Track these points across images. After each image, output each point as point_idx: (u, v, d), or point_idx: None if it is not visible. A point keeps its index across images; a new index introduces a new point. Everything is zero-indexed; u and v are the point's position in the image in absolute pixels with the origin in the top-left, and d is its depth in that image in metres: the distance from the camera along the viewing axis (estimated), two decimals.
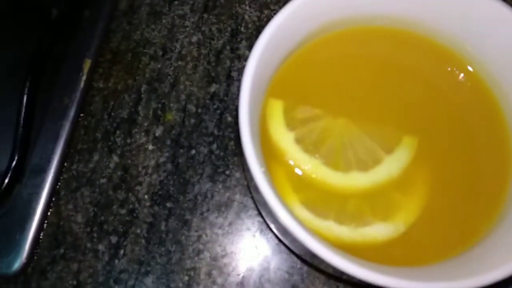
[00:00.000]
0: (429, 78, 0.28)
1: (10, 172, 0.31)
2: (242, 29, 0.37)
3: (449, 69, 0.27)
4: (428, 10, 0.26)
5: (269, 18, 0.36)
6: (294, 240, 0.22)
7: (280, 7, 0.36)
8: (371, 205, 0.25)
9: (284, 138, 0.26)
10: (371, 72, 0.28)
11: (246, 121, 0.21)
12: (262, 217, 0.31)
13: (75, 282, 0.30)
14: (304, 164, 0.25)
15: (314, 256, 0.22)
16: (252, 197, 0.32)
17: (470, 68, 0.27)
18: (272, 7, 0.37)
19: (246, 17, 0.37)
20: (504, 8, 0.24)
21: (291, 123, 0.26)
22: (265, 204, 0.22)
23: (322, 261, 0.22)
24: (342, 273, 0.24)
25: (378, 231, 0.24)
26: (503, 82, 0.25)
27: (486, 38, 0.25)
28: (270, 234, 0.31)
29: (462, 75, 0.27)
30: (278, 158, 0.25)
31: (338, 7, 0.26)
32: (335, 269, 0.22)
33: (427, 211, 0.24)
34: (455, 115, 0.26)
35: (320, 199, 0.25)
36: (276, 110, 0.26)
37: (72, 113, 0.33)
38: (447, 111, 0.27)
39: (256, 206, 0.32)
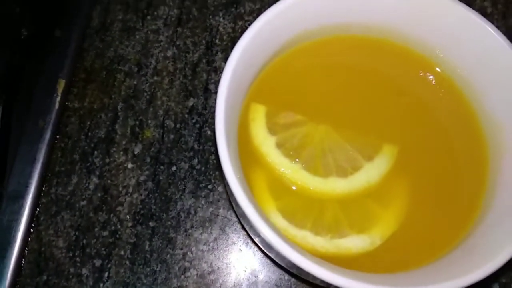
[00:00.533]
0: (404, 85, 0.28)
1: None
2: (217, 41, 0.36)
3: (422, 74, 0.28)
4: (399, 17, 0.26)
5: (243, 29, 0.36)
6: (278, 253, 0.22)
7: (254, 18, 0.36)
8: (348, 216, 0.25)
9: (265, 142, 0.26)
10: (349, 79, 0.28)
11: (222, 128, 0.21)
12: (246, 230, 0.31)
13: None
14: (284, 168, 0.25)
15: (299, 268, 0.22)
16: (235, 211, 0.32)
17: (442, 73, 0.27)
18: (246, 18, 0.37)
19: (221, 29, 0.37)
20: (470, 13, 0.24)
21: (273, 128, 0.26)
22: (244, 217, 0.22)
23: (308, 273, 0.22)
24: (328, 284, 0.24)
25: (353, 244, 0.24)
26: (475, 85, 0.26)
27: (456, 42, 0.26)
28: (256, 247, 0.31)
29: (435, 80, 0.27)
30: (258, 164, 0.25)
31: (312, 17, 0.26)
32: (321, 280, 0.22)
33: (404, 218, 0.24)
34: (431, 120, 0.27)
35: (298, 207, 0.26)
36: (259, 114, 0.26)
37: (48, 135, 0.33)
38: (423, 117, 0.27)
39: (239, 220, 0.31)
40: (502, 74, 0.24)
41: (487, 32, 0.24)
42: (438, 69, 0.27)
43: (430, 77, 0.27)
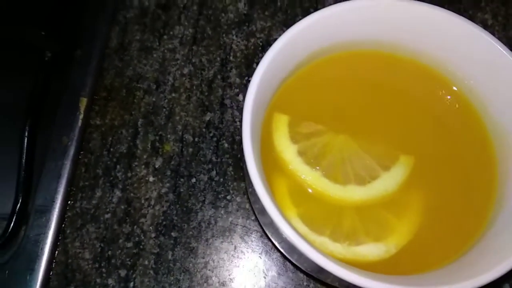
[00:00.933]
0: (418, 98, 0.30)
1: (15, 215, 0.32)
2: (231, 58, 0.38)
3: (433, 87, 0.29)
4: (412, 34, 0.28)
5: (256, 46, 0.38)
6: (300, 256, 0.23)
7: (266, 35, 0.38)
8: (365, 224, 0.26)
9: (287, 150, 0.27)
10: (364, 92, 0.30)
11: (248, 136, 0.22)
12: (267, 237, 0.32)
13: None
14: (306, 175, 0.26)
15: (320, 270, 0.23)
16: (255, 219, 0.33)
17: (455, 88, 0.29)
18: (258, 35, 0.39)
19: (234, 46, 0.39)
20: (473, 27, 0.26)
21: (294, 137, 0.27)
22: (270, 223, 0.23)
23: (328, 275, 0.23)
24: (347, 285, 0.25)
25: (369, 251, 0.25)
26: (482, 96, 0.27)
27: (462, 55, 0.27)
28: (275, 255, 0.32)
29: (446, 93, 0.28)
30: (280, 171, 0.27)
31: (329, 34, 0.28)
32: (340, 281, 0.23)
33: (419, 226, 0.26)
34: (444, 132, 0.28)
35: (317, 214, 0.27)
36: (282, 124, 0.28)
37: (72, 151, 0.34)
38: (436, 129, 0.28)
39: (261, 227, 0.33)
40: (507, 83, 0.26)
41: (488, 43, 0.26)
42: (449, 83, 0.29)
43: (443, 91, 0.29)
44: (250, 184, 0.23)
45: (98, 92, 0.37)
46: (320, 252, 0.22)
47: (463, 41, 0.27)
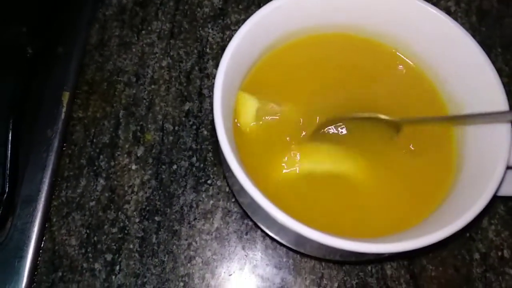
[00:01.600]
0: (379, 74, 0.32)
1: (2, 206, 0.33)
2: (208, 50, 0.40)
3: (393, 64, 0.31)
4: (370, 16, 0.30)
5: (231, 38, 0.40)
6: (280, 228, 0.24)
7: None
8: None
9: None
10: (330, 72, 0.31)
11: (219, 112, 0.24)
12: (247, 216, 0.34)
13: None
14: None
15: (299, 240, 0.25)
16: (236, 201, 0.34)
17: (410, 62, 0.31)
18: (233, 28, 0.40)
19: (210, 39, 0.40)
20: (432, 9, 0.28)
21: (259, 116, 0.29)
22: (240, 189, 0.24)
23: (306, 243, 0.25)
24: (324, 252, 0.26)
25: None
26: (438, 71, 0.29)
27: (420, 34, 0.29)
28: (256, 234, 0.34)
29: (404, 69, 0.30)
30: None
31: (297, 18, 0.29)
32: (318, 249, 0.25)
33: (385, 192, 0.27)
34: (405, 103, 0.30)
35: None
36: (249, 104, 0.29)
37: (56, 143, 0.35)
38: (398, 101, 0.30)
39: (241, 207, 0.34)
40: (455, 53, 0.28)
41: (443, 21, 0.28)
42: (406, 59, 0.31)
43: (400, 67, 0.30)
44: (223, 158, 0.24)
45: (80, 86, 0.38)
46: (296, 220, 0.23)
47: (421, 22, 0.29)
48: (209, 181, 0.35)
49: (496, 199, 0.35)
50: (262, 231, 0.34)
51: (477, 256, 0.34)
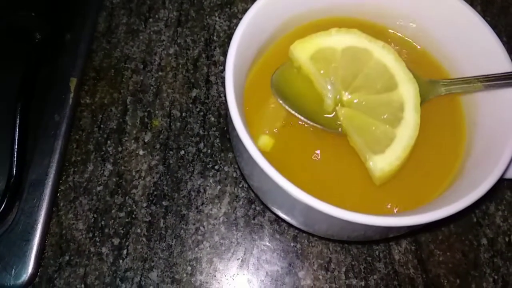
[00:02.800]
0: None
1: (10, 189, 0.33)
2: (215, 38, 0.40)
3: (399, 48, 0.31)
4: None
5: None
6: (294, 205, 0.24)
7: None
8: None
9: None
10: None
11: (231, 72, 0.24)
12: (256, 202, 0.34)
13: (83, 286, 0.32)
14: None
15: (311, 217, 0.25)
16: (243, 186, 0.34)
17: (418, 46, 0.31)
18: (239, 16, 0.41)
19: (217, 27, 0.40)
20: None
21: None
22: (260, 185, 0.24)
23: (316, 219, 0.25)
24: (334, 231, 0.26)
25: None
26: (445, 50, 0.29)
27: (431, 19, 0.29)
28: (264, 219, 0.34)
29: (410, 51, 0.31)
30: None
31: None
32: (329, 225, 0.25)
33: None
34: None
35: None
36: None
37: (63, 128, 0.35)
38: None
39: (249, 192, 0.34)
40: (465, 33, 0.28)
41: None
42: (414, 43, 0.31)
43: (405, 50, 0.31)
44: (236, 139, 0.25)
45: (87, 72, 0.38)
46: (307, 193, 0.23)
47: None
48: (216, 167, 0.35)
49: (503, 184, 0.35)
50: (271, 214, 0.34)
51: (485, 242, 0.34)
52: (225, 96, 0.25)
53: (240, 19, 0.40)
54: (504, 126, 0.25)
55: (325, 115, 0.28)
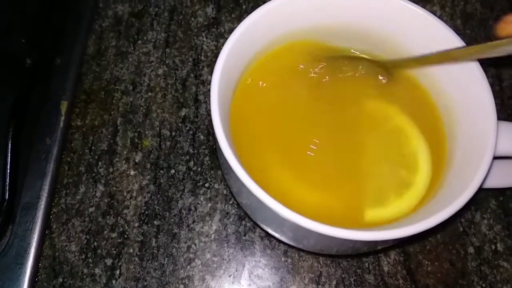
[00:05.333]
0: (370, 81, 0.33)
1: (2, 213, 0.33)
2: (203, 57, 0.41)
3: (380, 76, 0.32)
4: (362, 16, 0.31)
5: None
6: (282, 223, 0.25)
7: None
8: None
9: None
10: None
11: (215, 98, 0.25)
12: (246, 218, 0.34)
13: None
14: None
15: (300, 234, 0.25)
16: (233, 203, 0.35)
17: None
18: (226, 36, 0.42)
19: (205, 47, 0.41)
20: (420, 10, 0.29)
21: None
22: (249, 203, 0.25)
23: (304, 235, 0.25)
24: (322, 246, 0.27)
25: None
26: (431, 74, 0.30)
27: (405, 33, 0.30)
28: (255, 235, 0.34)
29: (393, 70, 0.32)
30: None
31: (289, 20, 0.31)
32: (317, 240, 0.25)
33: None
34: (397, 103, 0.31)
35: None
36: None
37: (55, 151, 0.36)
38: (391, 104, 0.31)
39: (239, 209, 0.35)
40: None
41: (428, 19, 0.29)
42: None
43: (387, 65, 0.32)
44: (222, 158, 0.25)
45: (78, 95, 0.39)
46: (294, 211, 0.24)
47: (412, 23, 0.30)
48: (206, 184, 0.36)
49: (488, 193, 0.36)
50: (261, 231, 0.34)
51: (472, 250, 0.34)
52: (210, 116, 0.26)
53: (227, 38, 0.42)
54: (482, 137, 0.26)
55: None
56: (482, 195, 0.36)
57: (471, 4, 0.44)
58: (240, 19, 0.42)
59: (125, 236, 0.34)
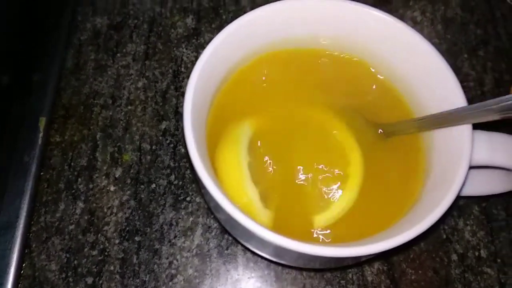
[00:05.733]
0: (350, 87, 0.33)
1: None
2: (183, 69, 0.40)
3: (364, 79, 0.32)
4: (338, 30, 0.31)
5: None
6: (258, 240, 0.25)
7: None
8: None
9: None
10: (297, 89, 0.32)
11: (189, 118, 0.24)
12: (228, 232, 0.34)
13: None
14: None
15: (279, 252, 0.25)
16: (214, 217, 0.35)
17: (380, 76, 0.32)
18: (205, 46, 0.41)
19: (185, 58, 0.41)
20: (391, 19, 0.29)
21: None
22: (227, 219, 0.25)
23: (283, 253, 0.25)
24: (304, 262, 0.27)
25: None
26: (409, 85, 0.30)
27: (387, 48, 0.30)
28: (237, 248, 0.34)
29: (374, 86, 0.31)
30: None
31: (262, 33, 0.30)
32: (297, 258, 0.25)
33: (360, 200, 0.28)
34: (374, 115, 0.31)
35: None
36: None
37: (33, 169, 0.36)
38: (367, 113, 0.31)
39: (220, 224, 0.34)
40: (421, 64, 0.29)
41: (405, 31, 0.29)
42: (375, 72, 0.32)
43: (368, 79, 0.32)
44: (197, 175, 0.25)
45: (56, 111, 0.38)
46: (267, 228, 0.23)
47: (386, 34, 0.30)
48: (188, 198, 0.36)
49: (470, 200, 0.36)
50: (242, 245, 0.34)
51: (455, 257, 0.34)
52: (183, 135, 0.25)
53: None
54: (458, 148, 0.26)
55: None
56: (465, 202, 0.36)
57: (451, 9, 0.44)
58: (220, 29, 0.42)
59: (106, 253, 0.34)
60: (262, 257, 0.34)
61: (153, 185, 0.36)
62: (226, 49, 0.29)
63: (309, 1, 0.30)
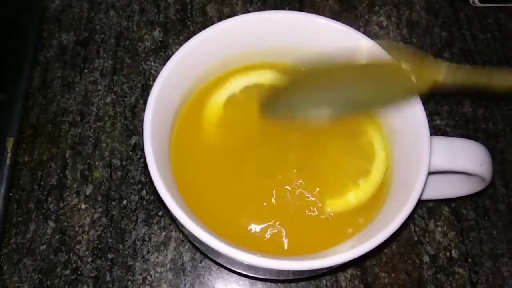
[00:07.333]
0: None
1: None
2: (151, 82, 0.40)
3: None
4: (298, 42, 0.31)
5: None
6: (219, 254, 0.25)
7: None
8: None
9: None
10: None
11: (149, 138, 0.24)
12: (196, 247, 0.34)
13: None
14: None
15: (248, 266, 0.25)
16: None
17: None
18: None
19: (153, 71, 0.41)
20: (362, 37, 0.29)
21: None
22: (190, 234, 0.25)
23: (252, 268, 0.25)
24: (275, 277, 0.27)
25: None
26: None
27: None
28: (211, 262, 0.34)
29: None
30: None
31: (225, 47, 0.31)
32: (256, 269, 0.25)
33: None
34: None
35: None
36: None
37: (2, 190, 0.35)
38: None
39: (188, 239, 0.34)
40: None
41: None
42: None
43: None
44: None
45: (24, 130, 0.38)
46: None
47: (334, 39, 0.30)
48: (160, 213, 0.35)
49: (441, 203, 0.36)
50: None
51: (427, 259, 0.35)
52: (144, 153, 0.25)
53: None
54: (417, 155, 0.26)
55: None
56: (435, 203, 0.37)
57: (416, 12, 0.44)
58: (187, 40, 0.42)
59: (79, 272, 0.34)
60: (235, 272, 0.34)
61: (125, 201, 0.36)
62: (186, 66, 0.29)
63: (270, 13, 0.30)
